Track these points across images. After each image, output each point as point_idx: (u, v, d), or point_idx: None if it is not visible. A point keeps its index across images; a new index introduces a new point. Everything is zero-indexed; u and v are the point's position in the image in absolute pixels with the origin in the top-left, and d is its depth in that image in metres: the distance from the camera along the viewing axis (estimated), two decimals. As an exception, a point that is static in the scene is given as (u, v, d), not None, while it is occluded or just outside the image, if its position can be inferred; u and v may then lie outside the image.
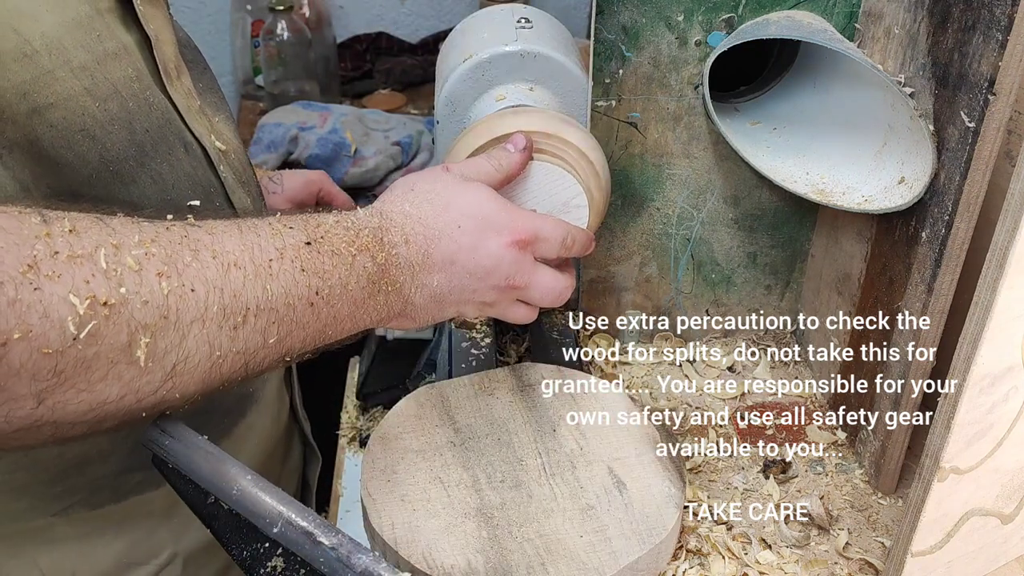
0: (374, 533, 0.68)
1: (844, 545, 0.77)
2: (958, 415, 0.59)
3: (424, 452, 0.74)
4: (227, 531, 0.52)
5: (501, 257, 0.65)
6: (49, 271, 0.44)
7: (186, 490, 0.54)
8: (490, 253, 0.65)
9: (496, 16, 0.92)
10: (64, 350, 0.44)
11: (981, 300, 0.55)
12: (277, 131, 1.69)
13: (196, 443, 0.53)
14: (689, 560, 0.76)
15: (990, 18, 0.62)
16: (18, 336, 0.42)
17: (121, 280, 0.46)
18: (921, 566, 0.67)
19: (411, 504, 0.69)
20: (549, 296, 0.69)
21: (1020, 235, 0.52)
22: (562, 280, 0.69)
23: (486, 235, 0.64)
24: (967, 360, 0.57)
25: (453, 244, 0.63)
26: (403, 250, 0.61)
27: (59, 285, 0.44)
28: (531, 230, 0.67)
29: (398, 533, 0.66)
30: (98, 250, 0.46)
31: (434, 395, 0.81)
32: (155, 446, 0.54)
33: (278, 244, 0.55)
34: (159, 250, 0.49)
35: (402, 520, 0.68)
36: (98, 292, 0.45)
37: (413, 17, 2.15)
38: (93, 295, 0.45)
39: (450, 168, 0.68)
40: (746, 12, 0.81)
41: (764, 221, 0.94)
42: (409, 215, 0.62)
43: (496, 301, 0.68)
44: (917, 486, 0.64)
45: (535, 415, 0.78)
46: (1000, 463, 0.65)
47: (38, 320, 0.43)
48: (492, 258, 0.65)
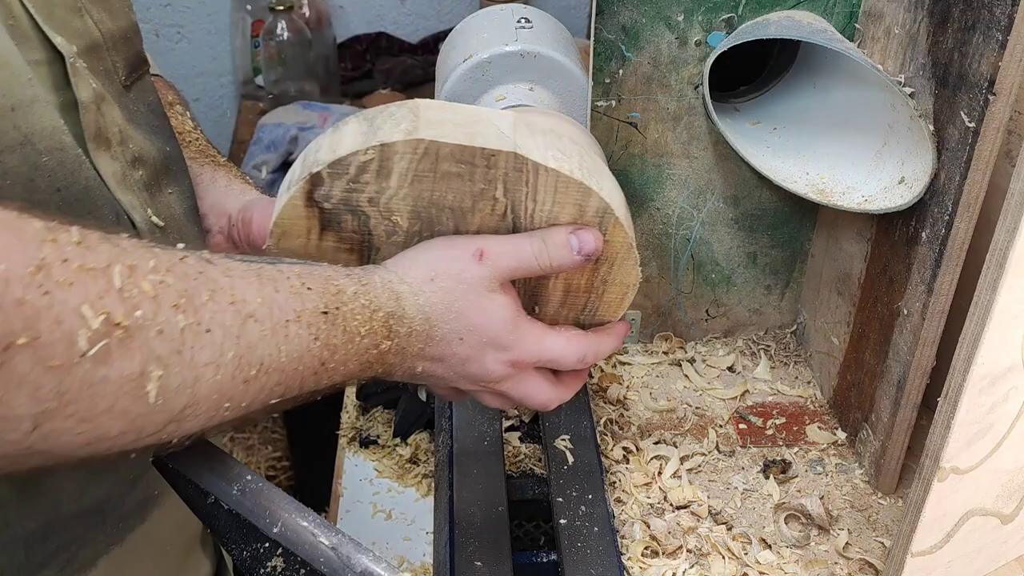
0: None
1: (844, 545, 0.77)
2: (958, 415, 0.59)
3: None
4: (227, 531, 0.52)
5: (492, 371, 0.62)
6: (60, 277, 0.40)
7: (186, 490, 0.53)
8: (483, 367, 0.62)
9: (496, 16, 0.92)
10: (71, 366, 0.40)
11: (981, 300, 0.55)
12: (277, 131, 1.69)
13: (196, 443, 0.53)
14: (689, 560, 0.76)
15: (990, 18, 0.62)
16: (23, 341, 0.39)
17: (137, 304, 0.43)
18: (921, 566, 0.67)
19: None
20: (531, 403, 0.66)
21: (1020, 235, 0.52)
22: (549, 393, 0.65)
23: (484, 351, 0.62)
24: (967, 360, 0.57)
25: (448, 349, 0.61)
26: (404, 342, 0.59)
27: (71, 293, 0.40)
28: (536, 356, 0.63)
29: None
30: (112, 267, 0.43)
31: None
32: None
33: (296, 306, 0.52)
34: (175, 281, 0.45)
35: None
36: (113, 311, 0.41)
37: (413, 17, 2.15)
38: (108, 312, 0.41)
39: (484, 256, 0.60)
40: (746, 12, 0.81)
41: (764, 221, 0.94)
42: (420, 309, 0.59)
43: (473, 391, 0.65)
44: (917, 486, 0.64)
45: None
46: (1000, 463, 0.65)
47: (46, 327, 0.39)
48: (483, 372, 0.62)
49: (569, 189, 0.59)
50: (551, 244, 0.61)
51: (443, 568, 0.73)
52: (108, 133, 0.61)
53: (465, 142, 0.56)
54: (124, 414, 0.43)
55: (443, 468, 0.83)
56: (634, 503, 0.81)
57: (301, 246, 0.61)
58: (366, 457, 0.97)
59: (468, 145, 0.56)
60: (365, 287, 0.57)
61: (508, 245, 0.61)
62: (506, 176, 0.58)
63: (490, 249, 0.60)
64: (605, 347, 0.66)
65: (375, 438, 0.98)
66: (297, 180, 0.57)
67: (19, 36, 0.54)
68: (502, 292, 0.61)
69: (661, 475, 0.84)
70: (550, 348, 0.63)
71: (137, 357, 0.43)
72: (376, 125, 0.56)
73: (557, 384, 0.66)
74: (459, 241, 0.61)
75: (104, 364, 0.41)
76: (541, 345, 0.63)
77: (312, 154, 0.58)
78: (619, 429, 0.90)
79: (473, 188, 0.58)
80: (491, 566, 0.71)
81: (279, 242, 0.60)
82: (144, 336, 0.43)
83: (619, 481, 0.83)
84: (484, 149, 0.56)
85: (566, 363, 0.64)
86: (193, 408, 0.46)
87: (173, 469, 0.53)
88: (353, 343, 0.55)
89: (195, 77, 2.11)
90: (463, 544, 0.73)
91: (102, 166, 0.61)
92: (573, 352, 0.64)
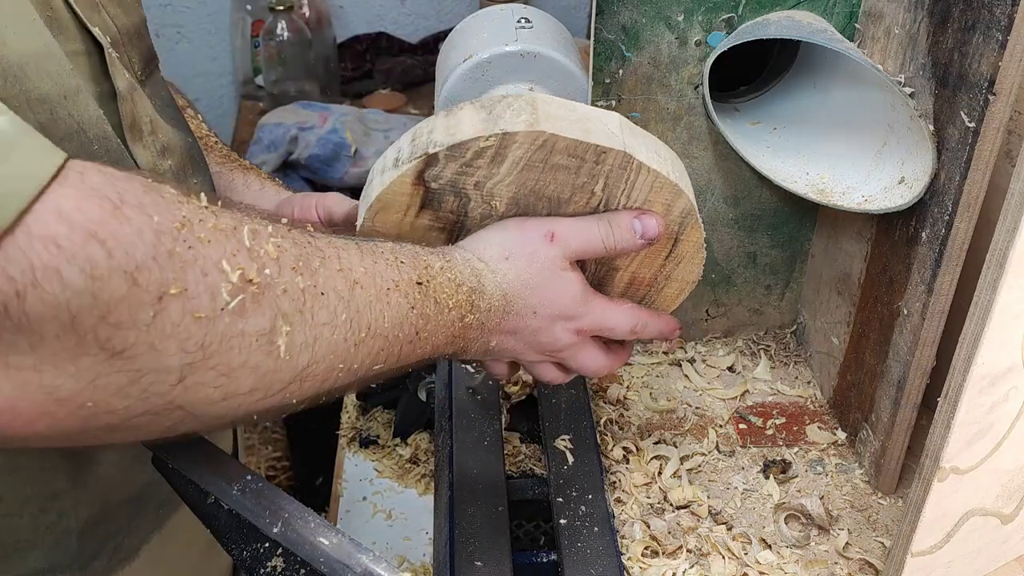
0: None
1: (844, 545, 0.77)
2: (958, 415, 0.59)
3: None
4: (227, 531, 0.52)
5: (560, 339, 0.66)
6: (200, 234, 0.43)
7: (186, 490, 0.54)
8: (553, 336, 0.66)
9: (496, 16, 0.92)
10: (214, 319, 0.43)
11: (981, 300, 0.56)
12: (277, 131, 1.69)
13: (196, 443, 0.53)
14: (689, 560, 0.76)
15: (990, 18, 0.62)
16: (174, 292, 0.41)
17: (264, 263, 0.45)
18: (921, 566, 0.67)
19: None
20: (586, 371, 0.70)
21: (1020, 235, 0.52)
22: (603, 361, 0.69)
23: (555, 322, 0.66)
24: (967, 360, 0.57)
25: (522, 322, 0.65)
26: (484, 316, 0.62)
27: (212, 249, 0.43)
28: (598, 325, 0.67)
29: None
30: (239, 228, 0.45)
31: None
32: (155, 447, 0.54)
33: (394, 276, 0.55)
34: (290, 246, 0.48)
35: None
36: (247, 268, 0.44)
37: (413, 17, 2.15)
38: (243, 268, 0.44)
39: (555, 237, 0.63)
40: (746, 12, 0.81)
41: (764, 221, 0.94)
42: (499, 286, 0.63)
43: (535, 362, 0.69)
44: (917, 486, 0.64)
45: None
46: (1000, 463, 0.65)
47: (193, 279, 0.42)
48: (552, 340, 0.66)
49: (664, 189, 0.63)
50: (616, 227, 0.64)
51: (443, 568, 0.73)
52: (141, 123, 0.63)
53: (581, 138, 0.59)
54: (256, 369, 0.46)
55: (443, 468, 0.83)
56: (634, 503, 0.81)
57: (396, 222, 0.64)
58: (366, 457, 0.97)
59: (583, 141, 0.59)
60: (449, 263, 0.60)
61: (577, 227, 0.64)
62: (610, 172, 0.62)
63: (560, 231, 0.64)
64: (654, 326, 0.71)
65: (375, 438, 0.98)
66: (408, 159, 0.60)
67: (56, 27, 0.55)
68: (572, 270, 0.65)
69: (661, 475, 0.84)
70: (612, 316, 0.68)
71: (267, 313, 0.45)
72: (496, 114, 0.59)
73: (608, 353, 0.70)
74: (530, 222, 0.64)
75: (241, 318, 0.44)
76: (604, 314, 0.67)
77: (425, 135, 0.61)
78: (619, 429, 0.90)
79: (576, 181, 0.62)
80: (491, 566, 0.71)
81: (375, 216, 0.63)
82: (272, 294, 0.45)
83: (619, 481, 0.83)
84: (597, 146, 0.60)
85: (621, 331, 0.68)
86: (313, 367, 0.49)
87: (173, 469, 0.53)
88: (442, 315, 0.58)
89: (195, 77, 2.11)
90: (463, 544, 0.73)
91: (138, 155, 0.63)
92: (629, 321, 0.68)
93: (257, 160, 1.65)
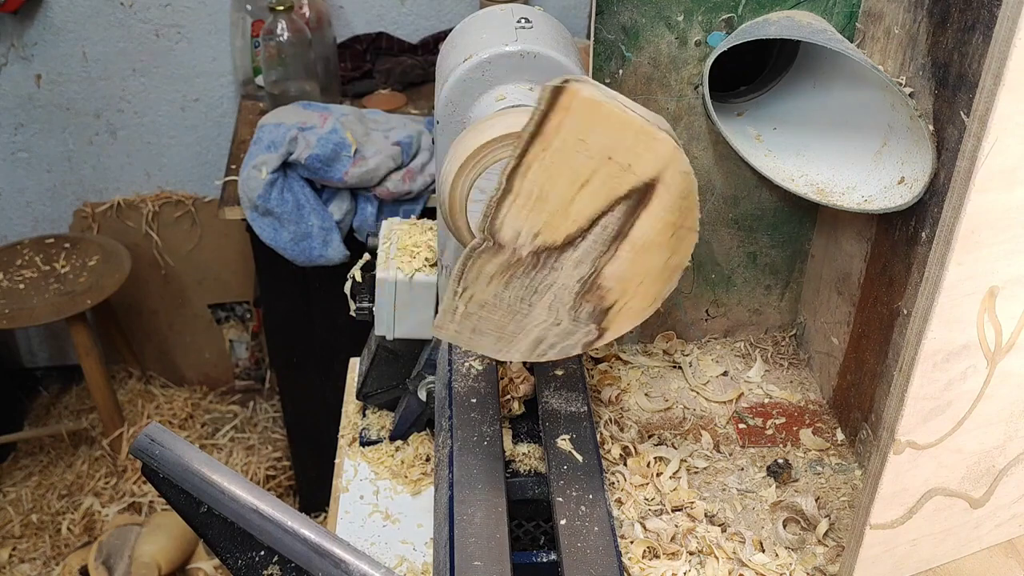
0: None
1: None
2: (911, 388, 0.60)
3: None
4: (221, 540, 0.52)
5: None
6: None
7: (178, 500, 0.52)
8: None
9: (496, 16, 0.92)
10: None
11: (931, 276, 0.57)
12: (277, 131, 1.68)
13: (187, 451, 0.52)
14: (689, 560, 0.76)
15: (990, 18, 0.62)
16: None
17: None
18: (882, 539, 0.68)
19: None
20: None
21: (965, 212, 0.53)
22: None
23: None
24: (919, 334, 0.59)
25: None
26: None
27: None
28: None
29: None
30: None
31: None
32: (145, 456, 0.52)
33: None
34: None
35: None
36: None
37: (413, 17, 2.15)
38: None
39: None
40: (746, 12, 0.81)
41: (764, 221, 0.94)
42: None
43: None
44: (875, 458, 0.65)
45: None
46: (962, 443, 0.66)
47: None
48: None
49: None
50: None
51: (443, 568, 0.72)
52: None
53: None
54: None
55: (443, 468, 0.83)
56: (633, 504, 0.81)
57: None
58: (366, 457, 0.97)
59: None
60: None
61: None
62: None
63: None
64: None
65: (375, 438, 0.98)
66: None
67: None
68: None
69: (660, 476, 0.84)
70: None
71: None
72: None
73: None
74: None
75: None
76: None
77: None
78: (618, 429, 0.90)
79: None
80: (491, 566, 0.71)
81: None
82: None
83: (619, 481, 0.83)
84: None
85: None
86: None
87: (164, 478, 0.52)
88: None
89: (195, 77, 2.11)
90: (463, 544, 0.73)
91: None
92: None
93: (257, 160, 1.65)
